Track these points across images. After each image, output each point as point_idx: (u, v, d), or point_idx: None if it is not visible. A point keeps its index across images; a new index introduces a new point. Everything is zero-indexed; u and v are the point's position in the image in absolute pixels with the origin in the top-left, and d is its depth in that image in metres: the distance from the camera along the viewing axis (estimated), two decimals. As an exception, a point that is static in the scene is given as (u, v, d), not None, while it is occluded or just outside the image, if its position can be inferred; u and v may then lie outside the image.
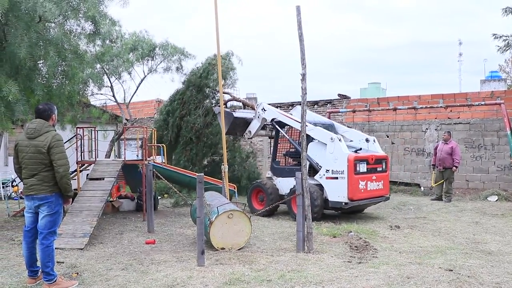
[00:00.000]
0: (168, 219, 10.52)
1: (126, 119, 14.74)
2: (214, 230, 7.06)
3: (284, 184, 10.76)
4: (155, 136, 12.52)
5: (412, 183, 15.56)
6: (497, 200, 13.02)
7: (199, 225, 6.42)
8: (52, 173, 5.22)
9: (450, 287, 5.09)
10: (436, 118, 15.38)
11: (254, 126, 11.66)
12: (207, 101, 14.97)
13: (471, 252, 6.91)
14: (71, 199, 5.68)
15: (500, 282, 5.34)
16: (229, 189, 10.15)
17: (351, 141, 10.81)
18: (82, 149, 10.99)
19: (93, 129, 11.92)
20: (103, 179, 9.87)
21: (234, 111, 12.56)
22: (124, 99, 14.37)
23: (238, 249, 7.11)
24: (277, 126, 11.27)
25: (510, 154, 12.66)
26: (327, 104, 17.21)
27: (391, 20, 78.92)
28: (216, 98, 15.09)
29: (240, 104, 14.62)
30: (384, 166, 10.40)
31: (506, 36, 15.05)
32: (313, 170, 10.13)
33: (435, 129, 15.32)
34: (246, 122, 11.91)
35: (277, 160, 11.59)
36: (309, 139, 10.18)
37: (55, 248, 5.48)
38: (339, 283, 5.31)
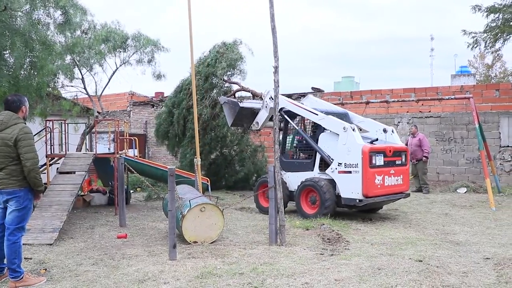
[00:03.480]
0: (140, 213, 10.42)
1: (98, 112, 14.48)
2: (186, 223, 7.01)
3: (293, 179, 9.79)
4: (126, 130, 12.33)
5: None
6: (466, 192, 13.34)
7: (171, 218, 6.36)
8: (21, 167, 5.07)
9: (420, 278, 5.18)
10: (408, 112, 15.63)
11: (261, 117, 10.67)
12: (215, 91, 14.44)
13: (441, 243, 7.06)
14: (41, 194, 5.54)
15: (467, 271, 5.47)
16: (202, 182, 10.09)
17: (367, 131, 10.04)
18: (52, 142, 10.75)
19: (64, 122, 11.68)
20: (74, 173, 9.71)
21: (241, 101, 11.67)
22: (96, 92, 14.09)
23: (211, 243, 7.08)
24: (286, 116, 10.13)
25: (478, 147, 12.94)
26: (300, 98, 17.21)
27: (364, 15, 79.67)
28: (224, 88, 14.62)
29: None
30: (403, 159, 9.49)
31: (475, 33, 15.37)
32: (325, 163, 9.36)
33: (407, 123, 15.57)
34: (254, 113, 11.02)
35: (286, 153, 10.53)
36: (321, 129, 9.61)
37: (23, 243, 5.34)
38: (311, 275, 5.34)
